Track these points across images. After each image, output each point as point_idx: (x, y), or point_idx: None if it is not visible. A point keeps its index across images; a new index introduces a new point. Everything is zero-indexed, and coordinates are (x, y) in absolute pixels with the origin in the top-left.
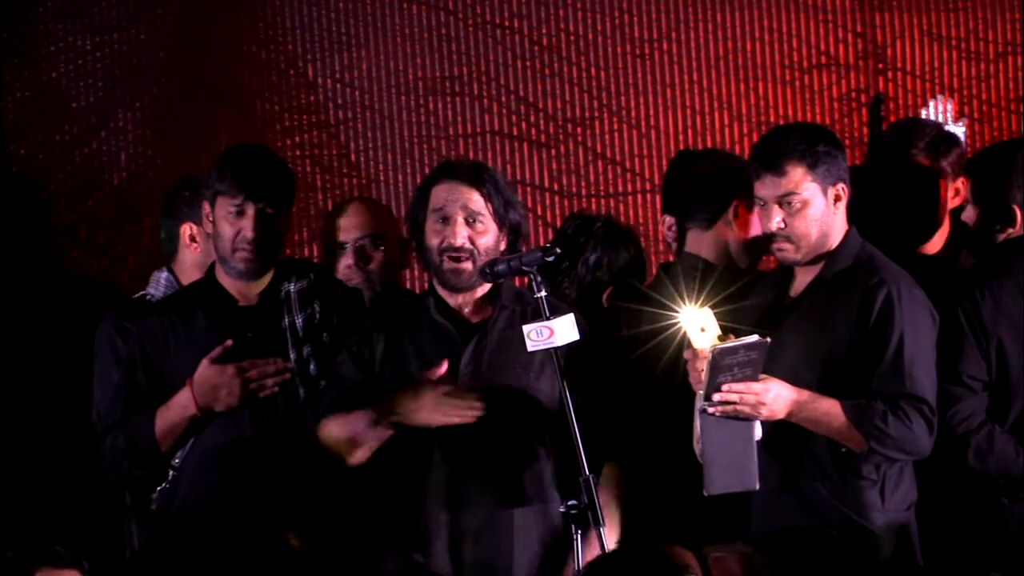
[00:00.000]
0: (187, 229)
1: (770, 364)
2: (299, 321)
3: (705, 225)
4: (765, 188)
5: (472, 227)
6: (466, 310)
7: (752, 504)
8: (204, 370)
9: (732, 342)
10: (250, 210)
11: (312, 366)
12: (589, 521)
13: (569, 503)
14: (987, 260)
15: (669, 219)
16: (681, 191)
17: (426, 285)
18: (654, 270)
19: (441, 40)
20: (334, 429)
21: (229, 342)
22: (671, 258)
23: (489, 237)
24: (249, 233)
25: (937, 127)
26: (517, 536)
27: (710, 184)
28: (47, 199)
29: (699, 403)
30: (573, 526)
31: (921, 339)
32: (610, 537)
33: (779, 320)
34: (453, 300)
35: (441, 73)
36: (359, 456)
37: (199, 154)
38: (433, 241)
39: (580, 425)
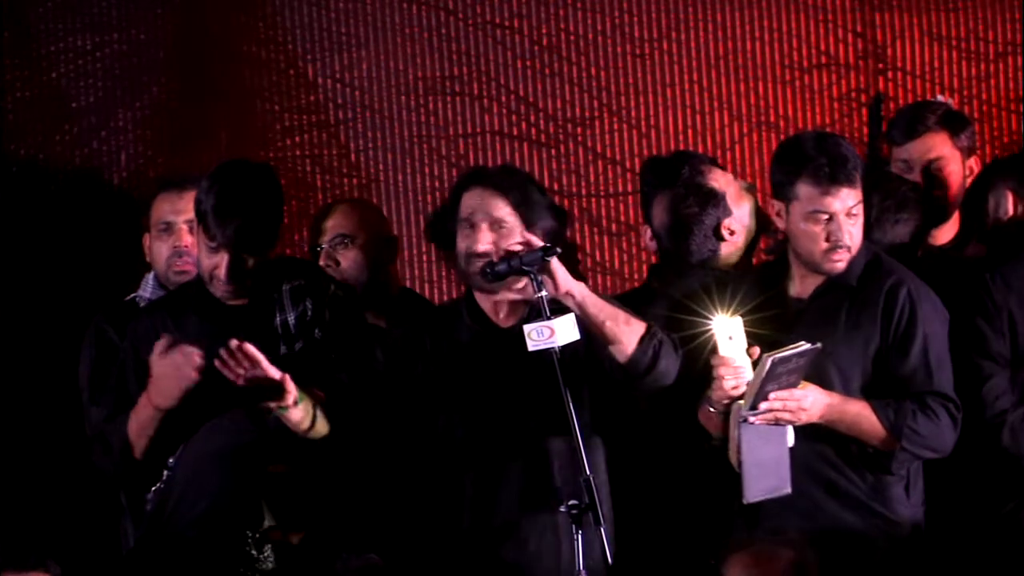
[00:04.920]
0: (146, 240)
1: None
2: (291, 319)
3: None
4: (840, 201)
5: (497, 233)
6: (500, 314)
7: (765, 505)
8: (154, 364)
9: (786, 350)
10: (227, 254)
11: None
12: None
13: (569, 503)
14: (998, 246)
15: (648, 229)
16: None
17: (421, 287)
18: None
19: (441, 40)
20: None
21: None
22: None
23: (515, 243)
24: (222, 274)
25: (946, 104)
26: (563, 536)
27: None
28: (47, 199)
29: (741, 412)
30: (573, 526)
31: (942, 337)
32: None
33: (790, 323)
34: (487, 304)
35: (441, 73)
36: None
37: (199, 154)
38: (461, 247)
39: None
